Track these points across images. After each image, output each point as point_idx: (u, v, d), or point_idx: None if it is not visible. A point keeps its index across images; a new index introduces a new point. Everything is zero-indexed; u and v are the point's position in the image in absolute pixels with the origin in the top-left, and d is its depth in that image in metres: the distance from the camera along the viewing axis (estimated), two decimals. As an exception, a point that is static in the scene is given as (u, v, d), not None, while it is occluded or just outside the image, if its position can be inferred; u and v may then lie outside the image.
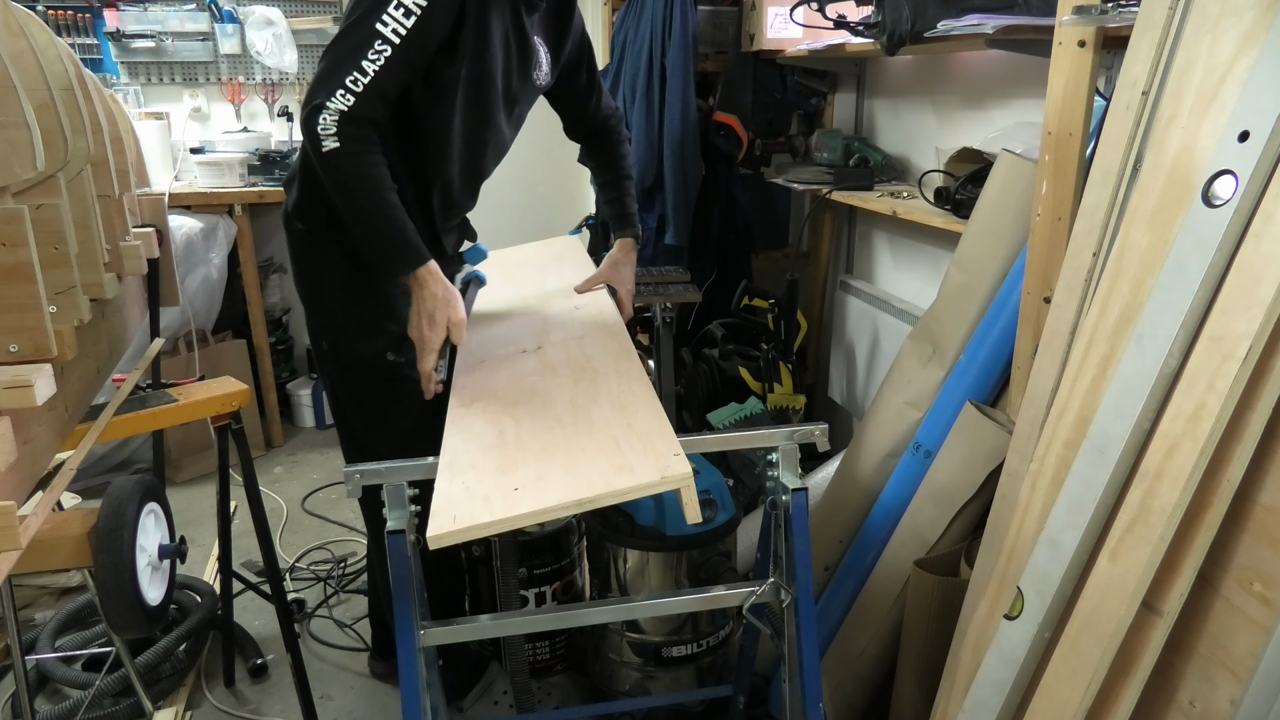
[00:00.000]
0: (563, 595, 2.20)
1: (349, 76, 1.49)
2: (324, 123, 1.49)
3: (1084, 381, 1.32)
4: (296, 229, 1.83)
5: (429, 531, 1.09)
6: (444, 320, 1.59)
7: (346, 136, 1.50)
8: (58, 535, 1.41)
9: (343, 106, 1.49)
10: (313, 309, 1.89)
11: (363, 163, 1.53)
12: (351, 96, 1.49)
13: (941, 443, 1.84)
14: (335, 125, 1.49)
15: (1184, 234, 1.16)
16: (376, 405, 1.88)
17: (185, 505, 3.20)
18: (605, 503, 1.13)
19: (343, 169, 1.52)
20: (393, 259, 1.58)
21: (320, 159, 1.52)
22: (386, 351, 1.82)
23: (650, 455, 1.20)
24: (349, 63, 1.50)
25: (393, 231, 1.56)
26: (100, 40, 3.71)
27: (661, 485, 1.14)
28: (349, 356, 1.84)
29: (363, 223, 1.57)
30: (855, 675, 1.96)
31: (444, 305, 1.59)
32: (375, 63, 1.49)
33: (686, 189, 3.01)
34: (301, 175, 1.79)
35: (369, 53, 1.49)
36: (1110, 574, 1.20)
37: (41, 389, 1.09)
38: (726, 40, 3.12)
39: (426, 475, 1.43)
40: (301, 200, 1.80)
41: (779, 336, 2.82)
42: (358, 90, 1.49)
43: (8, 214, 1.07)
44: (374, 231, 1.57)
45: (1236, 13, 1.15)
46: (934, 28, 1.97)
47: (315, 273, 1.85)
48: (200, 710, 2.21)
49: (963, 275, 1.91)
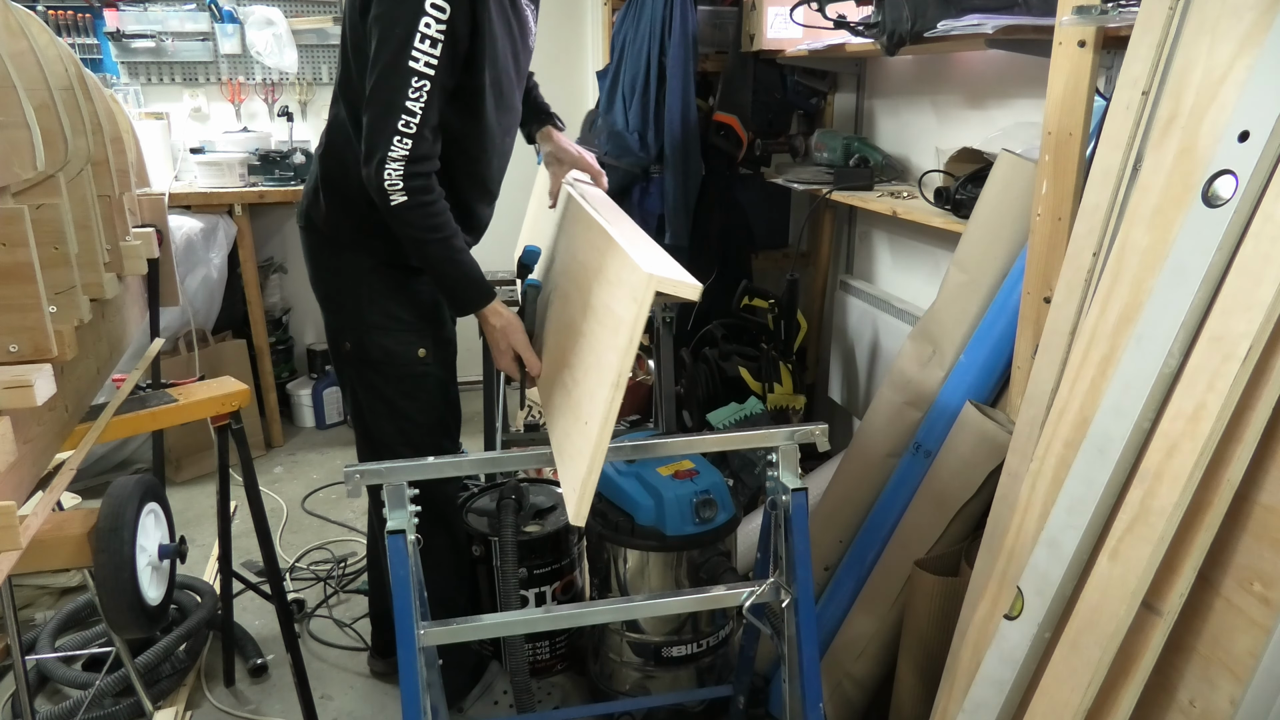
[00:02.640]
0: (563, 595, 2.20)
1: (400, 122, 1.52)
2: (389, 176, 1.54)
3: (1084, 381, 1.32)
4: (321, 232, 1.84)
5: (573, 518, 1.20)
6: (507, 346, 1.70)
7: (413, 189, 1.56)
8: (58, 535, 1.41)
9: (404, 152, 1.53)
10: (335, 308, 1.89)
11: (430, 213, 1.60)
12: (409, 140, 1.53)
13: (941, 443, 1.84)
14: (401, 178, 1.54)
15: (1184, 234, 1.16)
16: (399, 402, 1.89)
17: (185, 505, 3.20)
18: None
19: (412, 222, 1.59)
20: (464, 300, 1.70)
21: (390, 213, 1.58)
22: (419, 348, 1.85)
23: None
24: (396, 108, 1.52)
25: (462, 276, 1.68)
26: (100, 40, 3.71)
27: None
28: (376, 354, 1.85)
29: (434, 269, 1.68)
30: (855, 675, 1.96)
31: (503, 335, 1.70)
32: (419, 101, 1.52)
33: (687, 189, 3.01)
34: (325, 189, 1.81)
35: (410, 92, 1.51)
36: (1110, 574, 1.20)
37: (41, 389, 1.09)
38: (726, 40, 3.12)
39: (426, 475, 1.43)
40: (329, 212, 1.81)
41: (779, 336, 2.82)
42: (411, 133, 1.53)
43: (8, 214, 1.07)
44: (445, 277, 1.68)
45: (1236, 13, 1.15)
46: (934, 28, 1.97)
47: (341, 272, 1.85)
48: (200, 710, 2.21)
49: (963, 275, 1.91)
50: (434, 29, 1.50)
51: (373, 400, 1.91)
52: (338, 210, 1.80)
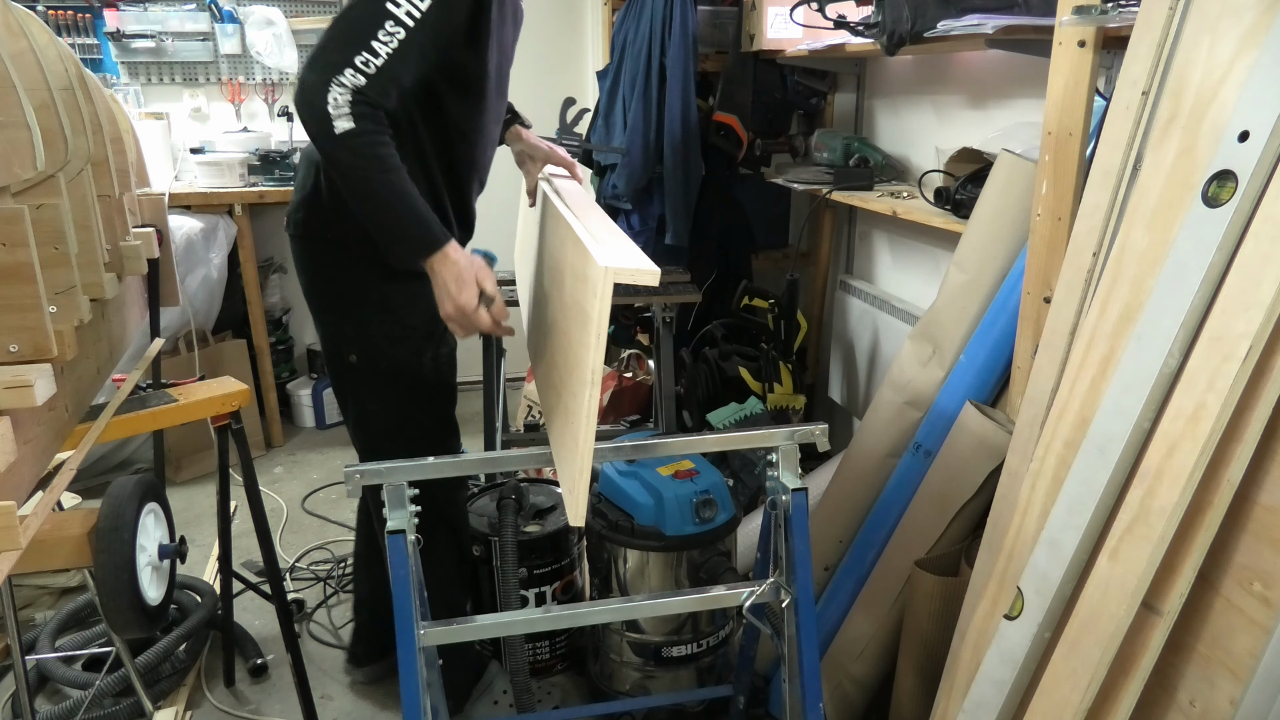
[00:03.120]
0: (563, 595, 2.20)
1: (358, 56, 1.38)
2: (335, 100, 1.37)
3: (1084, 381, 1.32)
4: (324, 238, 1.74)
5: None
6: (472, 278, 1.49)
7: (360, 116, 1.39)
8: (58, 535, 1.41)
9: (356, 84, 1.38)
10: (337, 319, 1.80)
11: (378, 141, 1.42)
12: (363, 77, 1.38)
13: (941, 443, 1.84)
14: (348, 104, 1.38)
15: (1184, 234, 1.16)
16: (407, 410, 1.85)
17: (185, 505, 3.20)
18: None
19: (358, 151, 1.41)
20: (414, 244, 1.48)
21: (329, 139, 1.39)
22: (426, 355, 1.80)
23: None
24: (358, 41, 1.39)
25: (411, 216, 1.46)
26: (100, 40, 3.71)
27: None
28: (386, 366, 1.78)
29: (378, 208, 1.46)
30: (855, 675, 1.96)
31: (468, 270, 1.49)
32: (387, 45, 1.39)
33: (687, 189, 3.01)
34: (330, 191, 1.69)
35: (379, 33, 1.39)
36: (1110, 574, 1.20)
37: (41, 389, 1.09)
38: (726, 40, 3.12)
39: (426, 475, 1.43)
40: (333, 217, 1.71)
41: (779, 336, 2.82)
42: (369, 72, 1.38)
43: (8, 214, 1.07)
44: (392, 217, 1.46)
45: (1236, 13, 1.15)
46: (934, 28, 1.97)
47: (346, 282, 1.76)
48: (200, 710, 2.21)
49: (963, 275, 1.91)
50: None
51: (382, 411, 1.85)
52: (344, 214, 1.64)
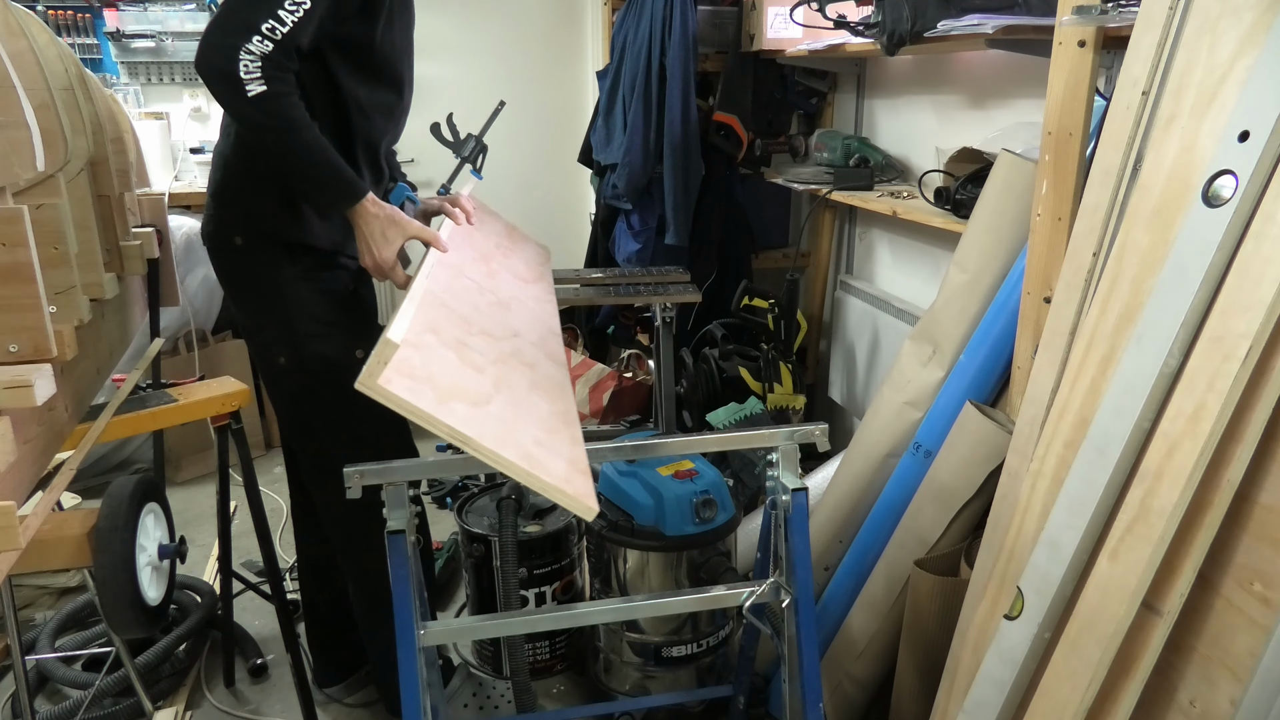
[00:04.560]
0: (563, 595, 2.20)
1: (265, 24, 1.45)
2: (246, 67, 1.45)
3: (1084, 381, 1.32)
4: (233, 244, 1.76)
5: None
6: (396, 236, 1.62)
7: (273, 78, 1.47)
8: (58, 535, 1.41)
9: (264, 51, 1.45)
10: (263, 323, 1.82)
11: (292, 103, 1.51)
12: (270, 44, 1.46)
13: (941, 443, 1.84)
14: (259, 69, 1.46)
15: (1184, 234, 1.16)
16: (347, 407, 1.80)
17: (185, 505, 3.20)
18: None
19: (274, 112, 1.50)
20: (335, 194, 1.60)
21: (245, 102, 1.47)
22: (355, 349, 1.79)
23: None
24: (264, 8, 1.45)
25: (330, 168, 1.57)
26: (100, 40, 3.71)
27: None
28: (315, 363, 1.79)
29: (300, 163, 1.56)
30: (855, 675, 1.96)
31: (390, 222, 1.61)
32: (294, 14, 1.46)
33: (687, 189, 3.01)
34: (240, 182, 1.74)
35: (286, 3, 1.46)
36: (1110, 574, 1.20)
37: (41, 389, 1.09)
38: (726, 40, 3.12)
39: (427, 475, 1.43)
40: (241, 211, 1.75)
41: (779, 336, 2.82)
42: (276, 39, 1.46)
43: (8, 214, 1.07)
44: (313, 170, 1.57)
45: (1236, 13, 1.15)
46: (934, 28, 1.97)
47: (262, 284, 1.78)
48: (200, 710, 2.21)
49: (963, 275, 1.91)
50: None
51: (320, 410, 1.84)
52: (255, 204, 1.73)
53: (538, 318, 1.73)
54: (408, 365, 1.13)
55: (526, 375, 1.41)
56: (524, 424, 1.24)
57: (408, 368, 1.12)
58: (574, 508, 1.17)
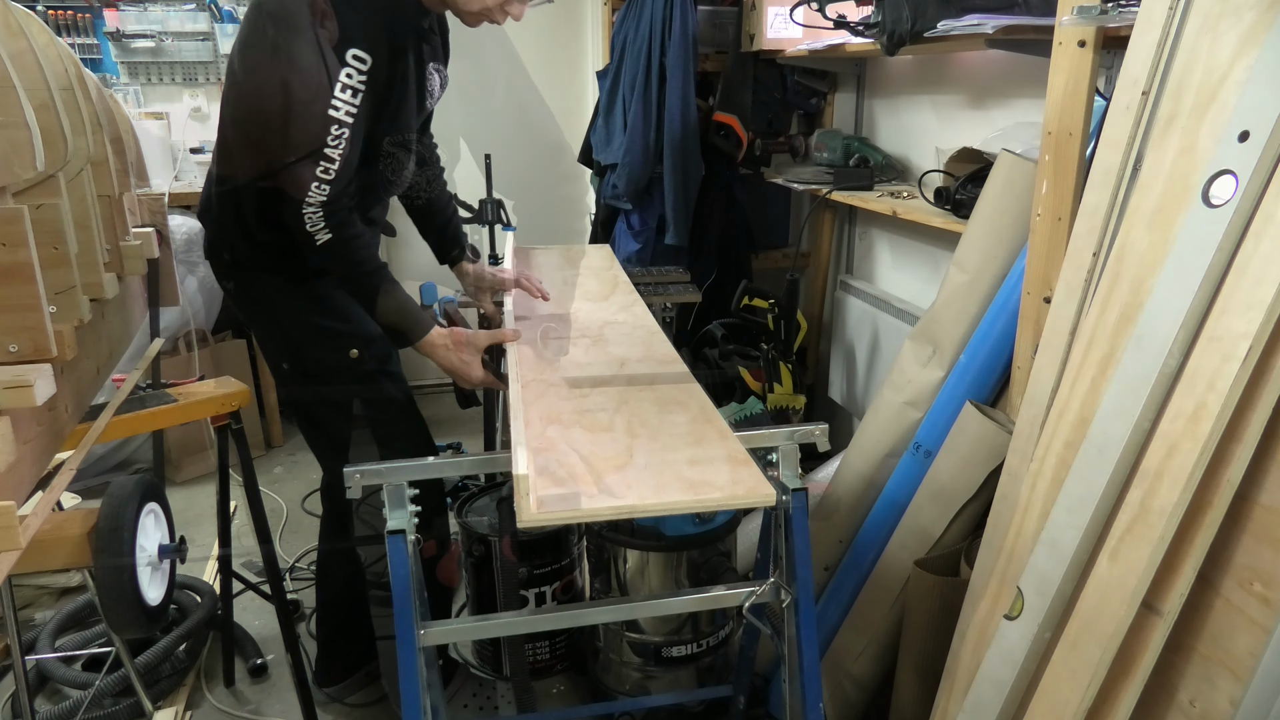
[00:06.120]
0: (563, 595, 2.20)
1: (319, 169, 1.52)
2: (311, 221, 1.56)
3: (1084, 381, 1.32)
4: (224, 259, 1.84)
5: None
6: (471, 355, 1.71)
7: (335, 225, 1.58)
8: (58, 535, 1.41)
9: (322, 198, 1.55)
10: (265, 334, 1.92)
11: (355, 246, 1.62)
12: (327, 186, 1.54)
13: (941, 443, 1.84)
14: (322, 219, 1.56)
15: (1184, 234, 1.16)
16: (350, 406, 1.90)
17: (185, 505, 3.20)
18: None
19: (340, 256, 1.62)
20: (400, 332, 1.70)
21: (314, 251, 1.60)
22: (349, 349, 1.83)
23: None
24: (314, 156, 1.52)
25: (394, 308, 1.68)
26: (100, 40, 3.71)
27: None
28: (314, 367, 1.86)
29: (367, 300, 1.68)
30: (855, 675, 1.96)
31: (460, 347, 1.70)
32: (337, 147, 1.53)
33: (687, 189, 3.01)
34: (219, 212, 1.81)
35: (329, 139, 1.51)
36: (1110, 574, 1.20)
37: (41, 389, 1.09)
38: (726, 40, 3.12)
39: (427, 475, 1.43)
40: (226, 236, 1.81)
41: (779, 336, 2.82)
42: (330, 179, 1.54)
43: (8, 214, 1.07)
44: (383, 308, 1.68)
45: (1236, 13, 1.15)
46: (934, 28, 1.97)
47: (256, 297, 1.86)
48: (200, 710, 2.21)
49: (963, 275, 1.91)
50: (355, 79, 1.51)
51: (326, 412, 1.91)
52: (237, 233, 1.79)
53: (632, 327, 1.75)
54: (548, 476, 1.14)
55: (650, 396, 1.41)
56: (672, 452, 1.22)
57: (549, 480, 1.13)
58: (754, 501, 1.14)
